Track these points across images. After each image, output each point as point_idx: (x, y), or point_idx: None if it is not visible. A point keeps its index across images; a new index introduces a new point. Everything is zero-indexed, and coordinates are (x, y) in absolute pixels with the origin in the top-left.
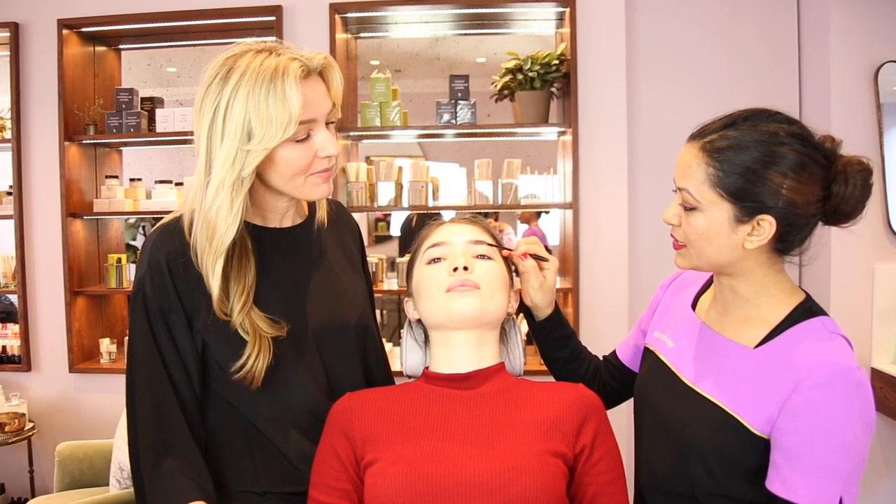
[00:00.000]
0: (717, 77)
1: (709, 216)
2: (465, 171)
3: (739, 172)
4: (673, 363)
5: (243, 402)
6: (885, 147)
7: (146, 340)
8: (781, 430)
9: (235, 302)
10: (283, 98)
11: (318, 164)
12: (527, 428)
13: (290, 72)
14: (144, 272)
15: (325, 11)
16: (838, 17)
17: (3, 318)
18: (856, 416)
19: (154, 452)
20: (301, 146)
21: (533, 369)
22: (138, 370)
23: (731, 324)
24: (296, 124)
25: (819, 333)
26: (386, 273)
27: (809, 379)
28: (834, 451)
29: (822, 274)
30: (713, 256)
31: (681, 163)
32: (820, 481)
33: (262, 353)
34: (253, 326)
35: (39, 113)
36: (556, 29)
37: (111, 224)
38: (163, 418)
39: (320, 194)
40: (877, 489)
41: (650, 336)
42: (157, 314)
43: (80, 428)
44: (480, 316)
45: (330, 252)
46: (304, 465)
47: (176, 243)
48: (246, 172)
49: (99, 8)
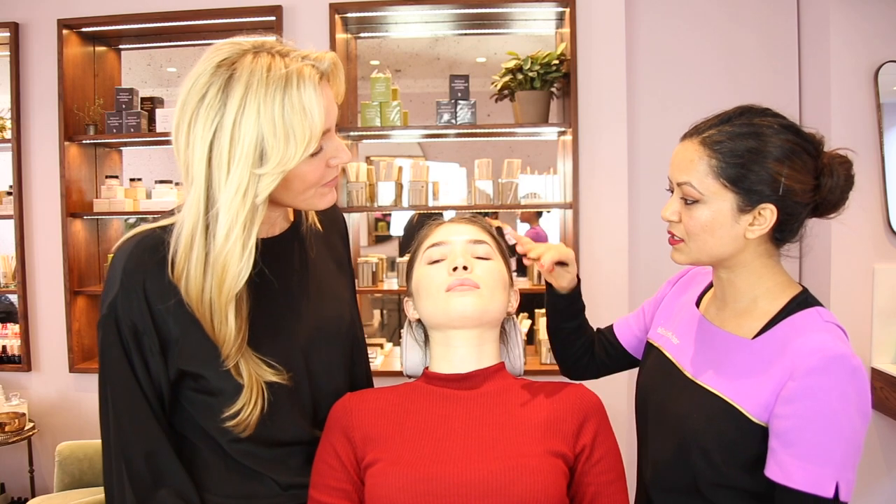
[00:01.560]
0: (717, 77)
1: (712, 207)
2: (465, 171)
3: (741, 163)
4: (676, 358)
5: (226, 438)
6: (885, 147)
7: (121, 367)
8: (778, 416)
9: (233, 343)
10: (301, 110)
11: (329, 174)
12: (527, 428)
13: (305, 78)
14: (117, 293)
15: (325, 11)
16: (838, 17)
17: (3, 318)
18: (851, 403)
19: (144, 486)
20: (315, 159)
21: (533, 369)
22: (117, 399)
23: (730, 318)
24: (318, 140)
25: (815, 322)
26: (386, 273)
27: (805, 365)
28: (829, 437)
29: (822, 274)
30: (715, 249)
31: (679, 159)
32: (816, 467)
33: (257, 400)
34: (248, 371)
35: (39, 113)
36: (556, 29)
37: (111, 224)
38: (151, 451)
39: (328, 203)
40: (877, 489)
41: (653, 331)
42: (131, 337)
43: (80, 428)
44: (480, 315)
45: (316, 255)
46: (280, 479)
47: (151, 258)
48: (260, 200)
49: (99, 8)
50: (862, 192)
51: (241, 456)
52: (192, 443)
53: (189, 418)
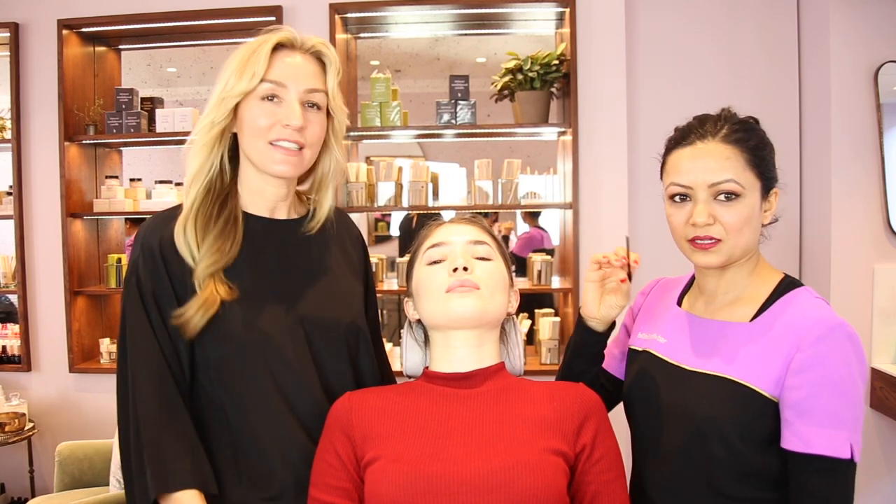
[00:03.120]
0: (717, 77)
1: (750, 199)
2: (465, 171)
3: (760, 155)
4: (667, 356)
5: (230, 391)
6: (885, 147)
7: (141, 321)
8: (790, 387)
9: (206, 255)
10: (255, 56)
11: (279, 131)
12: (527, 427)
13: (268, 40)
14: (137, 256)
15: (325, 11)
16: (838, 17)
17: (3, 318)
18: (854, 366)
19: (157, 428)
20: (265, 105)
21: (533, 369)
22: (135, 347)
23: (720, 309)
24: (259, 78)
25: (808, 298)
26: (386, 273)
27: (810, 335)
28: (841, 401)
29: (822, 274)
30: (751, 240)
31: (709, 160)
32: (832, 430)
33: (207, 301)
34: (211, 287)
35: (39, 113)
36: (556, 29)
37: (111, 224)
38: (164, 396)
39: (279, 171)
40: (877, 489)
41: (634, 339)
42: (150, 297)
43: (80, 428)
44: (480, 316)
45: (328, 252)
46: (285, 464)
47: (170, 230)
48: (219, 117)
49: (99, 8)
50: (862, 193)
51: (253, 420)
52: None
53: (202, 409)
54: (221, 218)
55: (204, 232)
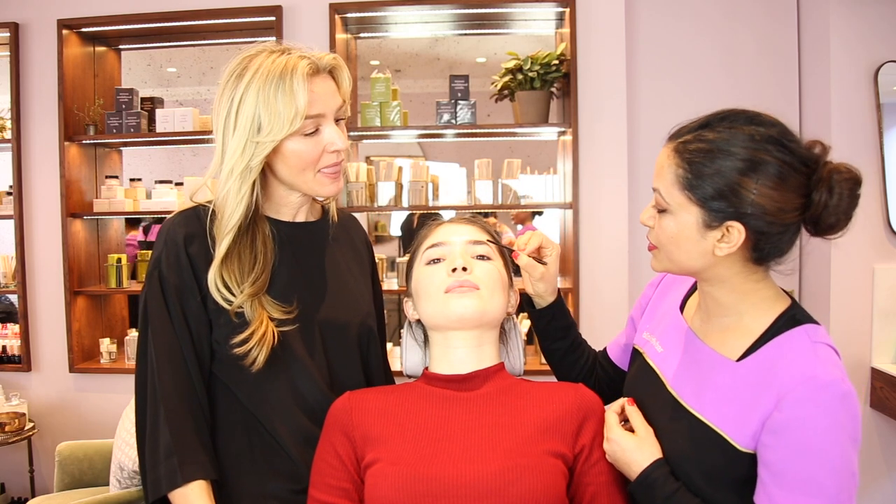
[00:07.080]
0: (717, 77)
1: (678, 219)
2: (464, 171)
3: (709, 175)
4: (660, 368)
5: (247, 387)
6: (885, 147)
7: (162, 316)
8: (765, 446)
9: (246, 284)
10: (290, 93)
11: (327, 159)
12: (526, 429)
13: (298, 69)
14: (161, 251)
15: (325, 11)
16: (838, 17)
17: (3, 318)
18: (842, 431)
19: (178, 418)
20: (309, 140)
21: (533, 369)
22: (156, 339)
23: (714, 332)
24: (302, 118)
25: (802, 344)
26: (386, 273)
27: (791, 395)
28: (820, 469)
29: (822, 274)
30: (683, 261)
31: (657, 163)
32: (806, 498)
33: (265, 337)
34: (259, 311)
35: (39, 113)
36: (556, 29)
37: (111, 224)
38: (183, 389)
39: (329, 192)
40: (877, 489)
41: (639, 336)
42: (172, 292)
43: (80, 428)
44: (479, 316)
45: (341, 253)
46: (303, 459)
47: (194, 226)
48: (254, 162)
49: (99, 8)
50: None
51: (265, 413)
52: (220, 433)
53: (218, 397)
54: (255, 250)
55: (241, 274)
